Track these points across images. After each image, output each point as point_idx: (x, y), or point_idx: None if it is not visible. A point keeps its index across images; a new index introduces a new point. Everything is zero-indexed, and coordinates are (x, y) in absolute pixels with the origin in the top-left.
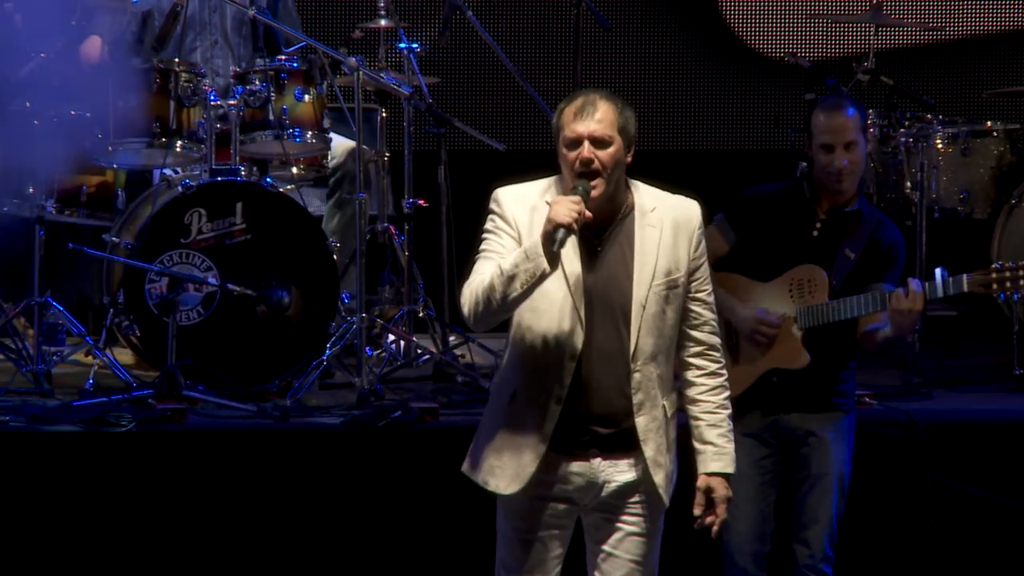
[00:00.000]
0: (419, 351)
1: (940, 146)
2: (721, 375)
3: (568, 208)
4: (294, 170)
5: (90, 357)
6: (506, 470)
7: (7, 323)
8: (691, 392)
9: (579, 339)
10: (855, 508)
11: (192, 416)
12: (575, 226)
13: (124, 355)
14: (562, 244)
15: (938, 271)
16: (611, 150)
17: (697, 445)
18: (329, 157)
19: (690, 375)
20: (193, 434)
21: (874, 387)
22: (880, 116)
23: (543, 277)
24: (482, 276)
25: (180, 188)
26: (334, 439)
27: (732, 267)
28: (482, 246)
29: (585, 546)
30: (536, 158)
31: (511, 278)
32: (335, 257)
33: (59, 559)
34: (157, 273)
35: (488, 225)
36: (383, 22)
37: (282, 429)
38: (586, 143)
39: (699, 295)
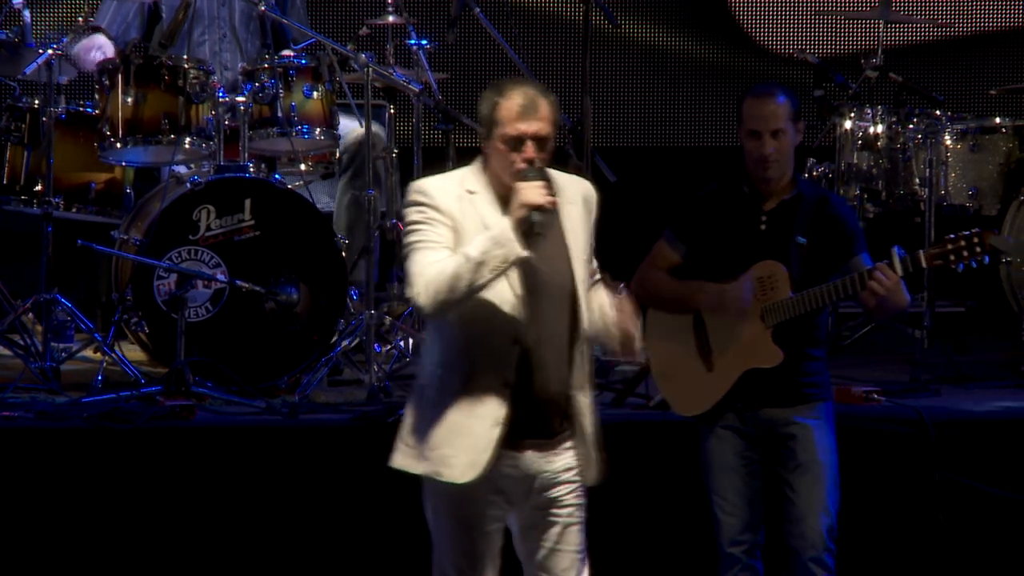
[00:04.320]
0: None
1: (949, 143)
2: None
3: (539, 191)
4: (302, 167)
5: (99, 354)
6: (460, 458)
7: (16, 319)
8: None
9: (522, 323)
10: (863, 505)
11: (200, 412)
12: (548, 206)
13: (133, 351)
14: (541, 226)
15: (895, 250)
16: (550, 147)
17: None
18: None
19: None
20: (201, 431)
21: (883, 384)
22: (888, 112)
23: (516, 262)
24: (440, 265)
25: (189, 185)
26: (343, 435)
27: (691, 275)
28: (415, 237)
29: (515, 548)
30: None
31: (480, 264)
32: (344, 254)
33: (68, 555)
34: (166, 270)
35: (416, 216)
36: (391, 19)
37: (290, 426)
38: (530, 142)
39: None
